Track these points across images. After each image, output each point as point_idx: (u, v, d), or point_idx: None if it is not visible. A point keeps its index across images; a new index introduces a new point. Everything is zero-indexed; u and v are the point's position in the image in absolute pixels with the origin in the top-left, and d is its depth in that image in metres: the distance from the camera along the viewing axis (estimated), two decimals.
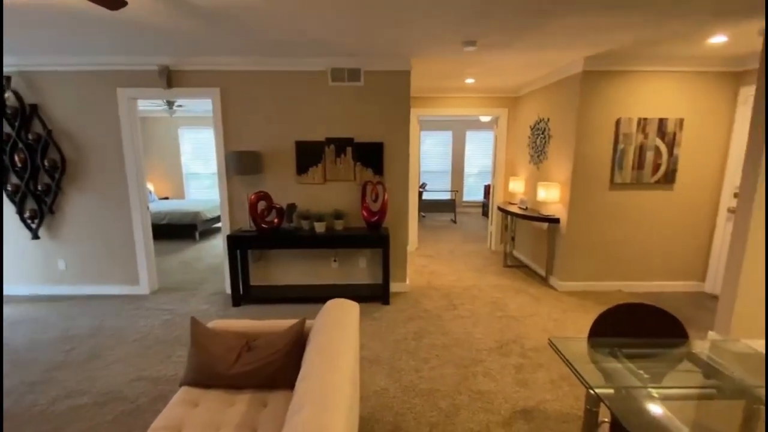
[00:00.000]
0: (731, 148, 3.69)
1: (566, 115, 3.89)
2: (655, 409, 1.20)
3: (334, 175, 3.74)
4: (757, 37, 2.77)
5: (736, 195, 3.58)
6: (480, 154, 9.57)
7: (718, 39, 2.95)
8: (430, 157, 9.65)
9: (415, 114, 5.32)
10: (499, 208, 5.08)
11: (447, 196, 9.34)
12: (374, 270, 3.99)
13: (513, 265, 4.92)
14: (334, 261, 3.94)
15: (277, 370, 1.66)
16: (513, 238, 5.36)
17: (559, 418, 2.09)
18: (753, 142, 2.62)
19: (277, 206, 3.56)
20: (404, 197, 3.86)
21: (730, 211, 3.67)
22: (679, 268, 4.00)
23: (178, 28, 2.70)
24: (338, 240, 3.54)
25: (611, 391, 1.30)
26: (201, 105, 6.67)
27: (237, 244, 3.57)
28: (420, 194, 8.33)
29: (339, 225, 3.66)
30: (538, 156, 4.57)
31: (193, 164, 7.95)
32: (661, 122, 3.67)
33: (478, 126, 9.27)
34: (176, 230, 6.33)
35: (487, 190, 8.53)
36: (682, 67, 3.58)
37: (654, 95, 3.65)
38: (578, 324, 3.25)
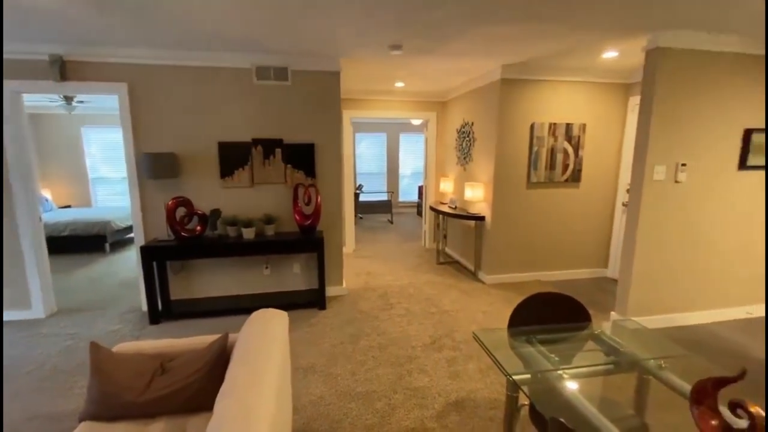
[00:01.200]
0: (623, 150, 4.23)
1: (488, 120, 4.15)
2: (564, 388, 1.31)
3: (263, 177, 3.58)
4: (640, 53, 3.20)
5: (628, 191, 4.11)
6: (413, 155, 9.85)
7: (610, 54, 3.35)
8: (365, 159, 9.70)
9: (348, 115, 5.30)
10: (431, 208, 5.26)
11: (384, 197, 9.46)
12: (309, 275, 3.89)
13: (445, 261, 5.12)
14: (266, 268, 3.77)
15: (196, 392, 1.53)
16: (445, 236, 5.58)
17: (488, 405, 2.20)
18: (639, 145, 3.02)
19: (200, 212, 3.31)
20: (339, 199, 3.81)
21: (624, 204, 4.20)
22: (586, 257, 4.48)
23: (65, 14, 2.37)
24: (269, 246, 3.39)
25: (528, 375, 1.40)
26: (108, 101, 5.96)
27: (153, 255, 3.24)
28: (356, 196, 8.33)
29: (270, 230, 3.51)
30: (464, 158, 4.81)
31: (102, 167, 7.09)
32: (568, 127, 4.08)
33: (411, 129, 9.53)
34: (82, 242, 5.59)
35: (420, 190, 8.80)
36: (584, 78, 4.02)
37: (561, 102, 4.05)
38: (504, 314, 3.48)
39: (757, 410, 0.90)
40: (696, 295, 3.28)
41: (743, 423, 0.93)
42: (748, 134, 3.06)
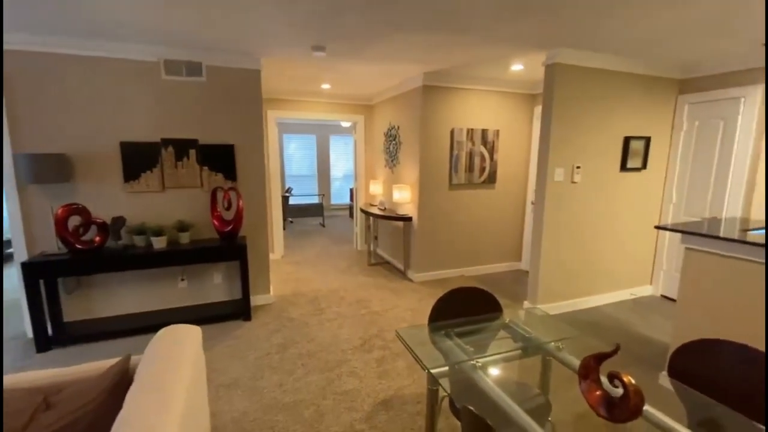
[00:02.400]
0: (531, 154, 4.68)
1: (412, 124, 4.30)
2: (477, 376, 1.40)
3: (176, 181, 3.29)
4: (542, 68, 3.56)
5: (535, 191, 4.56)
6: (344, 157, 9.84)
7: (517, 67, 3.69)
8: (295, 161, 9.45)
9: (273, 116, 5.11)
10: (362, 210, 5.30)
11: (315, 200, 9.30)
12: (232, 285, 3.66)
13: (376, 263, 5.19)
14: (182, 280, 3.46)
15: (89, 426, 1.34)
16: (376, 238, 5.66)
17: (415, 401, 2.27)
18: (542, 150, 3.36)
19: (99, 221, 2.93)
20: (263, 203, 3.65)
21: (533, 203, 4.63)
22: (503, 251, 4.87)
23: None
24: (184, 255, 3.12)
25: (446, 368, 1.47)
26: None
27: (39, 272, 2.79)
28: (285, 199, 8.08)
29: (185, 238, 3.23)
30: (392, 160, 4.93)
31: None
32: (484, 132, 4.40)
33: (341, 131, 9.51)
34: None
35: (352, 192, 8.81)
36: (497, 87, 4.36)
37: (478, 109, 4.35)
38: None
39: (629, 379, 1.05)
40: (592, 281, 3.74)
41: (619, 391, 1.07)
42: (627, 141, 3.57)
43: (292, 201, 8.54)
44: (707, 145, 3.52)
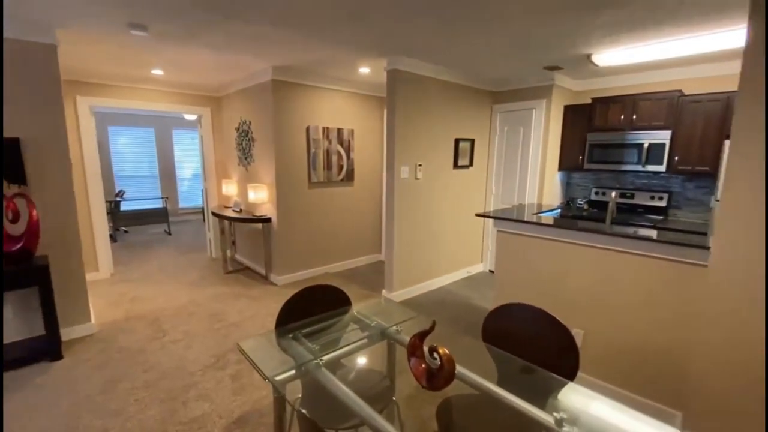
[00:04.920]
0: (384, 153, 5.01)
1: (265, 120, 4.09)
2: (321, 374, 1.42)
3: None
4: (383, 72, 3.82)
5: None
6: (193, 154, 8.76)
7: (364, 70, 3.87)
8: (128, 159, 7.95)
9: (85, 103, 4.16)
10: (214, 213, 4.81)
11: (157, 203, 8.01)
12: (31, 318, 2.85)
13: (235, 270, 4.80)
14: None
15: None
16: (233, 243, 5.23)
17: (272, 412, 2.18)
18: (390, 149, 3.62)
19: None
20: (72, 211, 2.93)
21: None
22: (364, 245, 5.10)
23: None
24: None
25: (292, 372, 1.44)
26: None
27: None
28: (116, 204, 6.76)
29: None
30: (246, 158, 4.61)
31: None
32: (340, 131, 4.51)
33: (186, 124, 8.42)
34: None
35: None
36: (350, 88, 4.50)
37: (333, 109, 4.42)
38: None
39: (443, 350, 1.20)
40: (437, 265, 4.24)
41: (437, 362, 1.22)
42: (457, 143, 4.15)
43: (125, 206, 7.18)
44: (513, 147, 4.38)
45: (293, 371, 1.44)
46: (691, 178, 3.61)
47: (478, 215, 2.94)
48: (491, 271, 4.79)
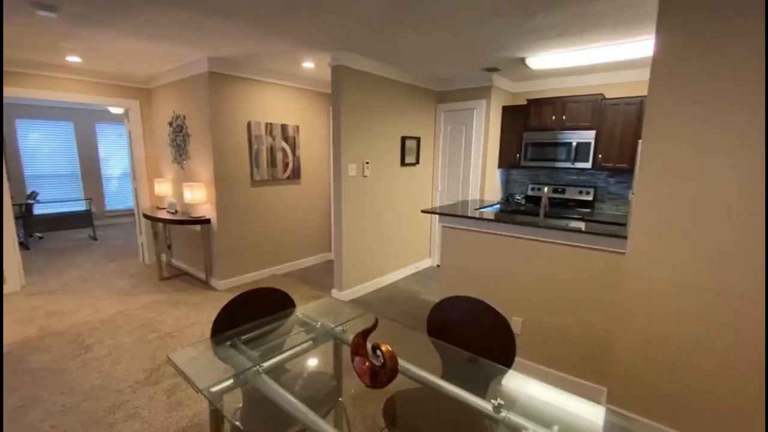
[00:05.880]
0: (331, 150, 4.93)
1: (201, 114, 3.84)
2: (261, 382, 1.35)
3: None
4: (327, 68, 3.75)
5: None
6: (121, 151, 8.00)
7: (308, 64, 3.77)
8: (42, 156, 7.06)
9: None
10: (146, 216, 4.42)
11: (79, 206, 7.22)
12: None
13: (171, 275, 4.46)
14: None
15: None
16: (170, 246, 4.86)
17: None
18: (336, 147, 3.56)
19: None
20: None
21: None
22: (314, 244, 5.00)
23: None
24: None
25: (230, 382, 1.35)
26: None
27: None
28: (27, 208, 6.00)
29: None
30: (180, 155, 4.29)
31: None
32: (284, 127, 4.35)
33: (112, 118, 7.66)
34: None
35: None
36: (294, 83, 4.36)
37: (276, 104, 4.26)
38: None
39: (386, 347, 1.20)
40: (386, 261, 4.27)
41: (380, 359, 1.21)
42: (404, 140, 4.20)
43: (39, 210, 6.39)
44: (457, 145, 4.52)
45: (231, 381, 1.35)
46: (613, 174, 3.97)
47: (424, 211, 3.00)
48: (438, 266, 4.92)
